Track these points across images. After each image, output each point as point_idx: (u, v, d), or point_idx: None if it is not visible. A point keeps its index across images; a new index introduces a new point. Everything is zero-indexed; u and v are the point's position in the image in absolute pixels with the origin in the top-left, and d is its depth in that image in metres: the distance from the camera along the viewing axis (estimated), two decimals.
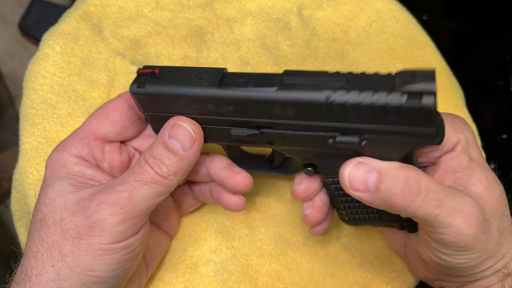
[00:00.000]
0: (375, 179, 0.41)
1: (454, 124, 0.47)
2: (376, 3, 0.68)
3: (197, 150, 0.44)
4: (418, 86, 0.35)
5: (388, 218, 0.50)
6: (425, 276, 0.52)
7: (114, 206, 0.41)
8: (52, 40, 0.61)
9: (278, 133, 0.43)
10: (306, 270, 0.56)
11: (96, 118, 0.47)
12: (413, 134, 0.38)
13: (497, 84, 0.92)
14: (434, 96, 0.35)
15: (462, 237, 0.40)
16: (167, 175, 0.43)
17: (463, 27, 1.03)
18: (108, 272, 0.42)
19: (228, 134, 0.45)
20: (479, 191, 0.43)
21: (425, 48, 0.67)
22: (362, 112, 0.38)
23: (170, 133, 0.43)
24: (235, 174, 0.49)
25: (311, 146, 0.43)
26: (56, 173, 0.45)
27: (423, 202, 0.40)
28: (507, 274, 0.44)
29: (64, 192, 0.43)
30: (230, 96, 0.41)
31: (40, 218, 0.43)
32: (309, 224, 0.51)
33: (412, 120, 0.37)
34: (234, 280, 0.54)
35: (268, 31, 0.65)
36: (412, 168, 0.41)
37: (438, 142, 0.39)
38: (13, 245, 1.24)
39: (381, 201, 0.41)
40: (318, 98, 0.38)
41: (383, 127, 0.38)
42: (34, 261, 0.42)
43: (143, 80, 0.44)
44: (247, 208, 0.58)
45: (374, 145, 0.40)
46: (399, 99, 0.36)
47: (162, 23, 0.64)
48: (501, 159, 0.81)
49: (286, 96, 0.39)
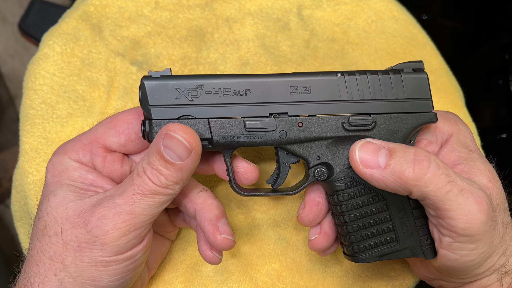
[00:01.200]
0: (385, 155, 0.42)
1: (447, 117, 0.48)
2: (375, 3, 0.68)
3: (195, 158, 0.42)
4: (411, 65, 0.47)
5: (404, 237, 0.46)
6: (424, 275, 0.52)
7: (115, 221, 0.40)
8: (52, 40, 0.61)
9: (293, 119, 0.45)
10: (306, 270, 0.56)
11: (103, 126, 0.46)
12: (414, 109, 0.46)
13: (496, 84, 0.92)
14: (425, 72, 0.46)
15: (473, 222, 0.40)
16: (167, 185, 0.41)
17: (462, 26, 1.03)
18: (111, 282, 0.41)
19: (241, 127, 0.45)
20: (484, 182, 0.43)
21: (425, 48, 0.67)
22: (369, 89, 0.45)
23: (164, 143, 0.41)
24: (216, 234, 0.45)
25: (326, 132, 0.45)
26: (58, 179, 0.44)
27: (434, 175, 0.40)
28: (505, 272, 0.44)
29: (65, 201, 0.42)
30: (249, 80, 0.45)
31: (42, 227, 0.42)
32: (314, 250, 0.50)
33: (411, 91, 0.46)
34: (234, 279, 0.54)
35: (267, 31, 0.65)
36: (420, 148, 0.43)
37: (435, 117, 0.46)
38: (13, 245, 1.24)
39: (393, 176, 0.41)
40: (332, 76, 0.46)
41: (389, 104, 0.46)
42: (36, 269, 0.42)
43: (156, 74, 0.45)
44: (247, 208, 0.58)
45: (382, 126, 0.46)
46: (399, 73, 0.46)
47: (162, 23, 0.64)
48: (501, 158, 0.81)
49: (302, 78, 0.45)
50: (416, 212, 0.46)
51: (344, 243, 0.48)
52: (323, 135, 0.46)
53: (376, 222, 0.46)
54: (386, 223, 0.46)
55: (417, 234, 0.46)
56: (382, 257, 0.46)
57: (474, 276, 0.44)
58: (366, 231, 0.46)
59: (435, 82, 0.65)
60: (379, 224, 0.46)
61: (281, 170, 0.48)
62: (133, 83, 0.61)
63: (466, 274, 0.44)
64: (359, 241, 0.46)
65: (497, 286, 0.44)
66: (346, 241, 0.47)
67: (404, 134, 0.46)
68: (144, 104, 0.44)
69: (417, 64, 0.46)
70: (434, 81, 0.65)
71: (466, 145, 0.46)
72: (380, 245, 0.46)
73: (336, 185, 0.46)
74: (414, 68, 0.46)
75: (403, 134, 0.46)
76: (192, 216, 0.48)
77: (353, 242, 0.46)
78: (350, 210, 0.46)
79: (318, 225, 0.49)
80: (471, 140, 0.47)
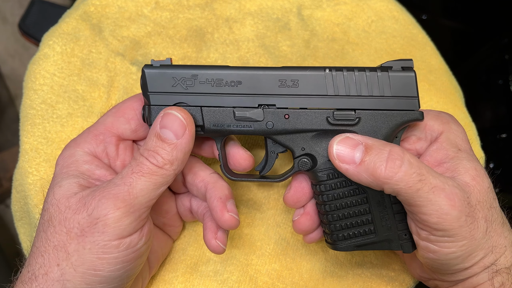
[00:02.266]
0: (361, 151, 0.43)
1: (439, 116, 0.49)
2: (375, 3, 0.68)
3: (189, 137, 0.44)
4: (400, 64, 0.47)
5: (382, 230, 0.47)
6: (419, 275, 0.52)
7: (114, 200, 0.41)
8: (52, 40, 0.61)
9: (280, 111, 0.47)
10: (306, 270, 0.56)
11: (111, 116, 0.49)
12: (399, 106, 0.46)
13: (496, 84, 0.92)
14: (413, 70, 0.47)
15: (445, 217, 0.41)
16: (163, 164, 0.43)
17: (462, 26, 1.03)
18: (111, 272, 0.42)
19: (231, 116, 0.47)
20: (466, 180, 0.44)
21: (425, 48, 0.67)
22: (356, 85, 0.46)
23: (161, 123, 0.44)
24: (224, 211, 0.47)
25: (311, 125, 0.47)
26: (65, 170, 0.45)
27: (405, 174, 0.42)
28: (496, 271, 0.44)
29: (69, 192, 0.43)
30: (240, 72, 0.47)
31: (48, 218, 0.43)
32: (298, 231, 0.51)
33: (398, 89, 0.46)
34: (234, 279, 0.54)
35: (267, 31, 0.65)
36: (397, 146, 0.44)
37: (421, 115, 0.47)
38: (14, 245, 1.24)
39: (366, 172, 0.43)
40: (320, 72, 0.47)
41: (374, 101, 0.46)
42: (41, 260, 0.42)
43: (157, 63, 0.48)
44: (247, 208, 0.58)
45: (366, 122, 0.47)
46: (386, 71, 0.47)
47: (162, 23, 0.64)
48: (501, 158, 0.81)
49: (291, 72, 0.47)
50: (396, 207, 0.47)
51: (326, 232, 0.50)
52: (308, 128, 0.47)
53: (355, 214, 0.48)
54: (365, 215, 0.48)
55: (396, 228, 0.47)
56: (360, 247, 0.48)
57: (463, 272, 0.45)
58: (345, 221, 0.48)
59: (435, 82, 0.65)
60: (358, 215, 0.48)
61: (269, 158, 0.50)
62: (133, 83, 0.61)
63: (452, 268, 0.45)
64: (339, 230, 0.48)
65: (488, 285, 0.44)
66: (327, 230, 0.49)
67: (388, 131, 0.47)
68: (144, 91, 0.48)
69: (407, 63, 0.47)
70: (434, 81, 0.65)
71: (456, 144, 0.47)
72: (358, 236, 0.48)
73: (318, 176, 0.48)
74: (403, 66, 0.47)
75: (387, 130, 0.47)
76: (202, 197, 0.51)
77: (333, 231, 0.48)
78: (331, 200, 0.47)
79: (303, 207, 0.51)
80: (462, 140, 0.47)
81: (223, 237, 0.49)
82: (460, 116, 0.64)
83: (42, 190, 0.55)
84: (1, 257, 1.14)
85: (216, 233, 0.49)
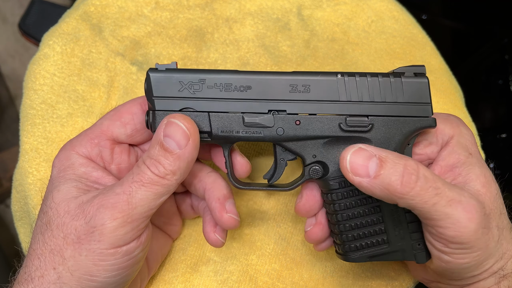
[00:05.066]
0: (376, 164, 0.41)
1: (448, 119, 0.48)
2: (375, 3, 0.68)
3: (192, 147, 0.43)
4: (412, 69, 0.47)
5: (395, 240, 0.46)
6: (423, 277, 0.52)
7: (112, 210, 0.41)
8: (52, 40, 0.61)
9: (291, 117, 0.46)
10: (306, 270, 0.56)
11: (108, 119, 0.48)
12: (412, 113, 0.46)
13: (496, 84, 0.92)
14: (426, 77, 0.46)
15: (463, 230, 0.40)
16: (165, 174, 0.42)
17: (462, 26, 1.03)
18: (107, 278, 0.42)
19: (240, 122, 0.46)
20: (477, 187, 0.44)
21: (425, 48, 0.67)
22: (369, 91, 0.46)
23: (165, 132, 0.43)
24: (223, 212, 0.47)
25: (322, 131, 0.46)
26: (62, 174, 0.45)
27: (421, 189, 0.40)
28: (503, 276, 0.44)
29: (68, 196, 0.43)
30: (250, 76, 0.46)
31: (46, 221, 0.43)
32: (310, 241, 0.50)
33: (411, 96, 0.46)
34: (234, 279, 0.54)
35: (267, 31, 0.65)
36: (411, 158, 0.42)
37: (434, 122, 0.46)
38: (14, 245, 1.24)
39: (380, 186, 0.41)
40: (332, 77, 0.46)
41: (387, 107, 0.46)
42: (37, 262, 0.42)
43: (162, 67, 0.47)
44: (247, 208, 0.58)
45: (379, 129, 0.46)
46: (399, 77, 0.46)
47: (162, 23, 0.64)
48: (501, 158, 0.81)
49: (302, 77, 0.46)
50: (409, 216, 0.46)
51: (337, 242, 0.48)
52: (320, 134, 0.46)
53: (368, 223, 0.46)
54: (378, 225, 0.46)
55: (409, 238, 0.46)
56: (373, 258, 0.47)
57: (471, 278, 0.44)
58: (357, 231, 0.46)
59: (435, 82, 0.65)
60: (371, 225, 0.46)
61: (278, 166, 0.49)
62: (133, 83, 0.61)
63: (462, 276, 0.44)
64: (351, 241, 0.46)
65: None
66: (338, 240, 0.48)
67: (402, 138, 0.46)
68: (148, 95, 0.46)
69: (419, 69, 0.46)
70: (434, 81, 0.65)
71: (467, 147, 0.46)
72: (371, 246, 0.46)
73: (330, 184, 0.46)
74: (415, 72, 0.46)
75: (400, 137, 0.46)
76: (201, 196, 0.50)
77: (344, 241, 0.47)
78: (342, 210, 0.46)
79: (314, 216, 0.50)
80: (472, 143, 0.47)
81: (222, 230, 0.49)
82: (460, 116, 0.64)
83: (42, 190, 0.55)
84: (1, 257, 1.14)
85: (215, 227, 0.49)
